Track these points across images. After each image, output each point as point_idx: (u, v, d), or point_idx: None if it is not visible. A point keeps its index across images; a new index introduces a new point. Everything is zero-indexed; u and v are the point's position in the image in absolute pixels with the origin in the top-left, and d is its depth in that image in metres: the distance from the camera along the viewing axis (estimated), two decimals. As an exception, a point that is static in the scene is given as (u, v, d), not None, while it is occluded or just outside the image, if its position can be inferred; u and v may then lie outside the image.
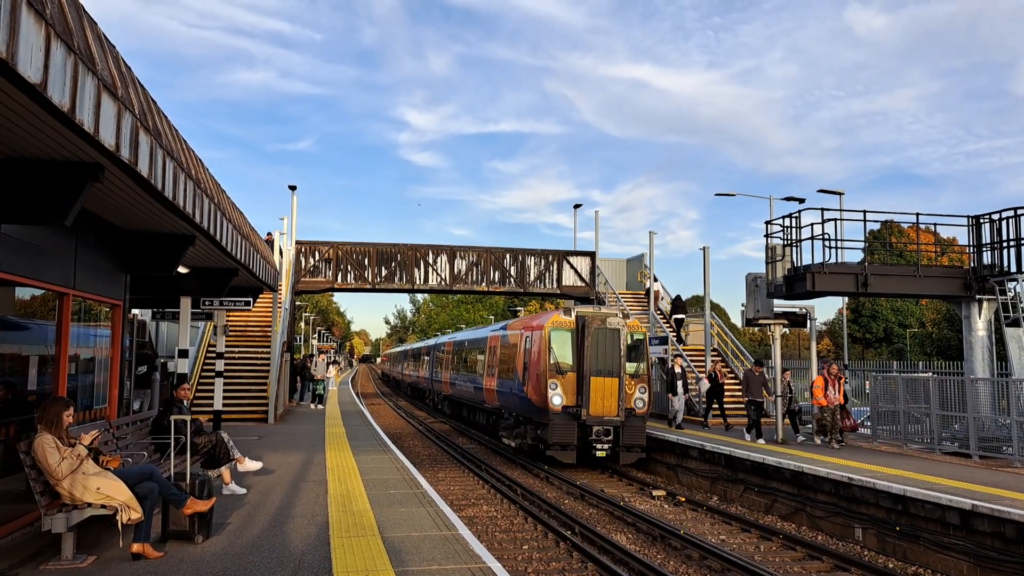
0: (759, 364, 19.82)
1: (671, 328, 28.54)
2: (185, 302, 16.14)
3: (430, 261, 32.08)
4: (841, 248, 18.18)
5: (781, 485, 14.79)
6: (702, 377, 24.12)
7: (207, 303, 17.29)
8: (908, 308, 73.71)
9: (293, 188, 28.71)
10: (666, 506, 15.69)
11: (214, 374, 20.13)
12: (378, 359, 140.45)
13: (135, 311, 19.48)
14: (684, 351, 26.13)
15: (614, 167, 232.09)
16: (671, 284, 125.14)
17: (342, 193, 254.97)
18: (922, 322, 73.21)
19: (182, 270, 13.20)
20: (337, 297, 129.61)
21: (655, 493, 16.85)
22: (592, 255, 33.87)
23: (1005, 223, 16.98)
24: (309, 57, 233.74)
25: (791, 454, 15.80)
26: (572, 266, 33.39)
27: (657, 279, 31.43)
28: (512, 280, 32.74)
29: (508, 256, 32.81)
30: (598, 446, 18.20)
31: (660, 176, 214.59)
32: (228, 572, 6.92)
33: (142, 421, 11.00)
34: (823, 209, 17.45)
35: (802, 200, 25.64)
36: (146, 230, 10.24)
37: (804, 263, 17.65)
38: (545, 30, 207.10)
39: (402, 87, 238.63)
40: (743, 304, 19.66)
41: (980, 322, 17.45)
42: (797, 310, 18.63)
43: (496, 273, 32.61)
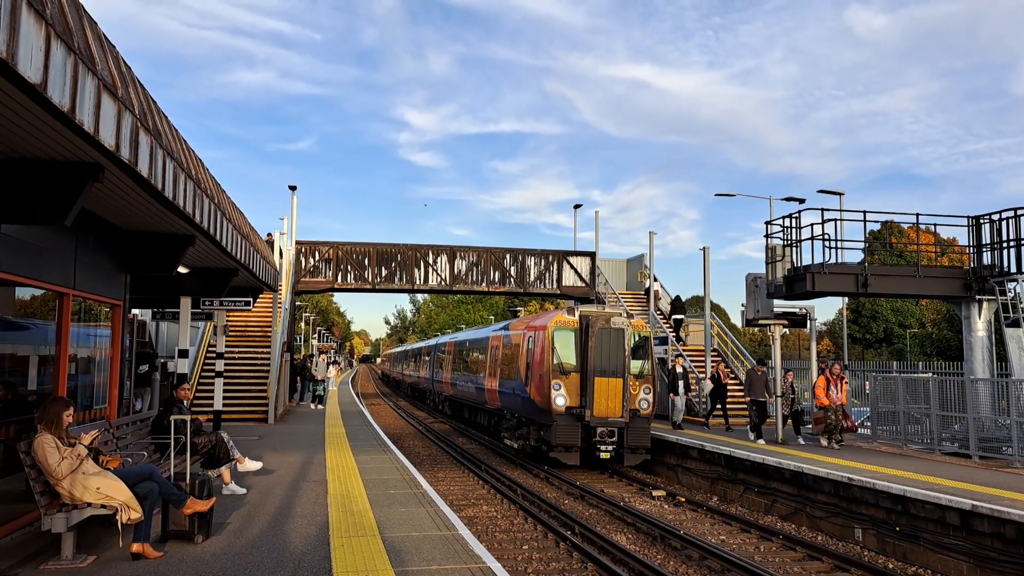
0: (762, 363, 19.68)
1: (670, 328, 28.53)
2: (185, 302, 16.15)
3: (430, 261, 32.09)
4: (841, 248, 18.20)
5: (781, 485, 14.79)
6: (703, 378, 24.13)
7: (207, 303, 17.30)
8: (908, 308, 73.72)
9: (293, 188, 28.77)
10: (666, 506, 15.69)
11: (214, 374, 20.13)
12: (378, 359, 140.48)
13: (135, 311, 19.49)
14: (684, 351, 26.13)
15: (614, 167, 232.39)
16: (671, 284, 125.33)
17: (342, 193, 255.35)
18: (922, 322, 73.21)
19: (182, 270, 13.20)
20: (337, 297, 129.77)
21: (655, 493, 16.85)
22: (592, 255, 33.88)
23: (1005, 223, 16.99)
24: (309, 57, 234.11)
25: (791, 454, 15.80)
26: (572, 266, 33.40)
27: (657, 279, 31.42)
28: (512, 280, 32.74)
29: (508, 256, 32.82)
30: (602, 447, 17.97)
31: (660, 176, 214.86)
32: (228, 572, 6.93)
33: (142, 421, 11.02)
34: (823, 209, 17.48)
35: (802, 200, 25.63)
36: (146, 230, 10.25)
37: (804, 263, 17.66)
38: (545, 30, 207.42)
39: (402, 87, 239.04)
40: (743, 304, 19.66)
41: (980, 322, 17.45)
42: (797, 310, 18.63)
43: (496, 273, 32.61)
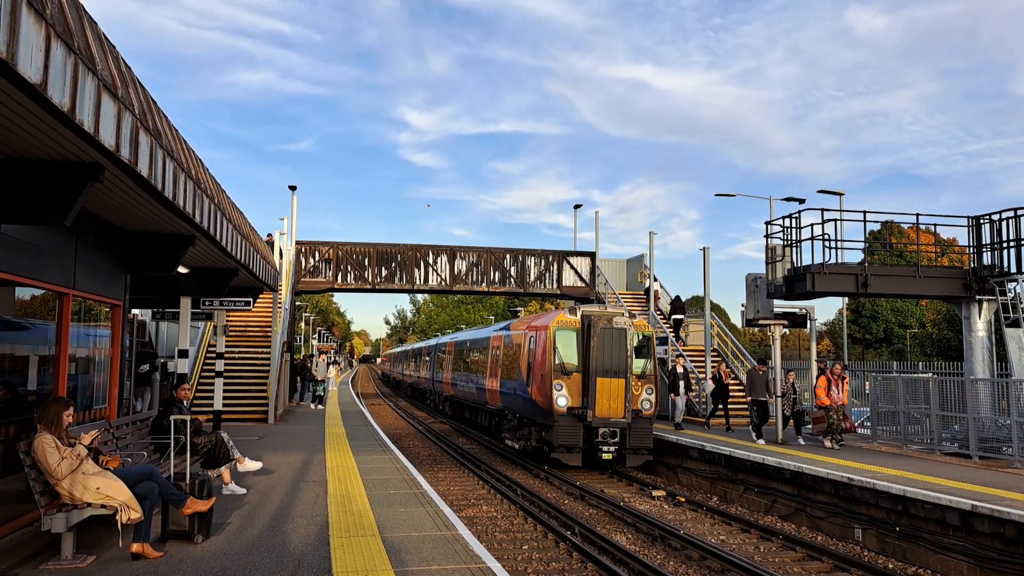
0: (763, 363, 19.52)
1: (670, 328, 28.53)
2: (185, 302, 16.15)
3: (430, 261, 32.09)
4: (841, 248, 18.20)
5: (781, 485, 14.79)
6: (703, 378, 24.11)
7: (207, 303, 17.30)
8: (908, 309, 73.70)
9: (293, 188, 28.79)
10: (666, 506, 15.69)
11: (214, 374, 20.14)
12: (378, 359, 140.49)
13: (135, 311, 19.48)
14: (684, 351, 26.13)
15: (614, 167, 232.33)
16: (671, 284, 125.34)
17: (342, 193, 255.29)
18: (922, 323, 73.20)
19: (182, 270, 13.20)
20: (337, 297, 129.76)
21: (655, 493, 16.84)
22: (592, 255, 33.88)
23: (1005, 224, 16.99)
24: (309, 57, 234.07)
25: (791, 454, 15.80)
26: (572, 266, 33.40)
27: (656, 279, 31.42)
28: (512, 280, 32.74)
29: (508, 256, 32.82)
30: (604, 448, 17.82)
31: (660, 176, 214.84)
32: (228, 572, 6.93)
33: (142, 421, 11.02)
34: (823, 209, 17.48)
35: (802, 200, 25.64)
36: (146, 230, 10.25)
37: (804, 263, 17.66)
38: (545, 30, 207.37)
39: (402, 87, 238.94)
40: (743, 304, 19.65)
41: (980, 323, 17.45)
42: (797, 310, 18.63)
43: (496, 273, 32.61)
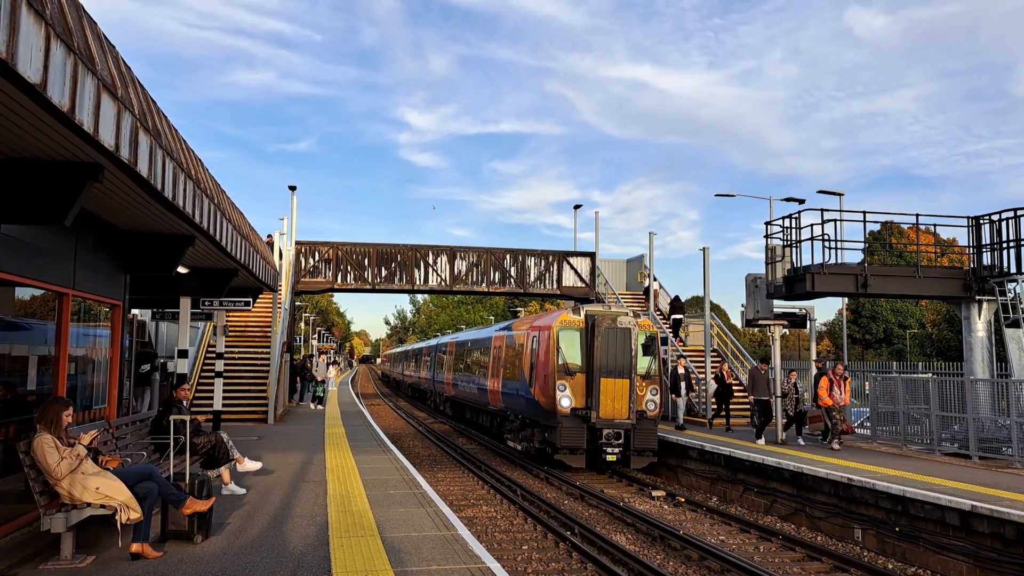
0: (765, 362, 19.30)
1: (669, 328, 28.52)
2: (185, 302, 16.14)
3: (430, 262, 32.09)
4: (841, 249, 18.18)
5: (780, 486, 14.79)
6: (703, 378, 24.09)
7: (207, 303, 17.29)
8: (908, 309, 73.71)
9: (293, 188, 28.79)
10: (666, 507, 15.69)
11: (214, 374, 20.14)
12: (378, 360, 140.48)
13: (135, 311, 19.48)
14: (684, 352, 26.12)
15: (614, 168, 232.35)
16: (671, 285, 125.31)
17: (342, 193, 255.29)
18: (922, 323, 73.21)
19: (182, 270, 13.20)
20: (337, 297, 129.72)
21: (655, 494, 16.84)
22: (592, 256, 33.88)
23: (1005, 224, 17.00)
24: (309, 58, 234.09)
25: (791, 455, 15.80)
26: (572, 267, 33.40)
27: (656, 279, 31.43)
28: (512, 281, 32.74)
29: (508, 257, 32.82)
30: (608, 450, 17.60)
31: (660, 177, 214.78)
32: (227, 572, 6.93)
33: (141, 421, 11.02)
34: (823, 210, 17.49)
35: (802, 201, 25.63)
36: (146, 230, 10.24)
37: (804, 264, 17.66)
38: (545, 31, 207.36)
39: (402, 88, 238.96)
40: (743, 305, 19.65)
41: (980, 323, 17.45)
42: (797, 311, 18.63)
43: (496, 274, 32.61)
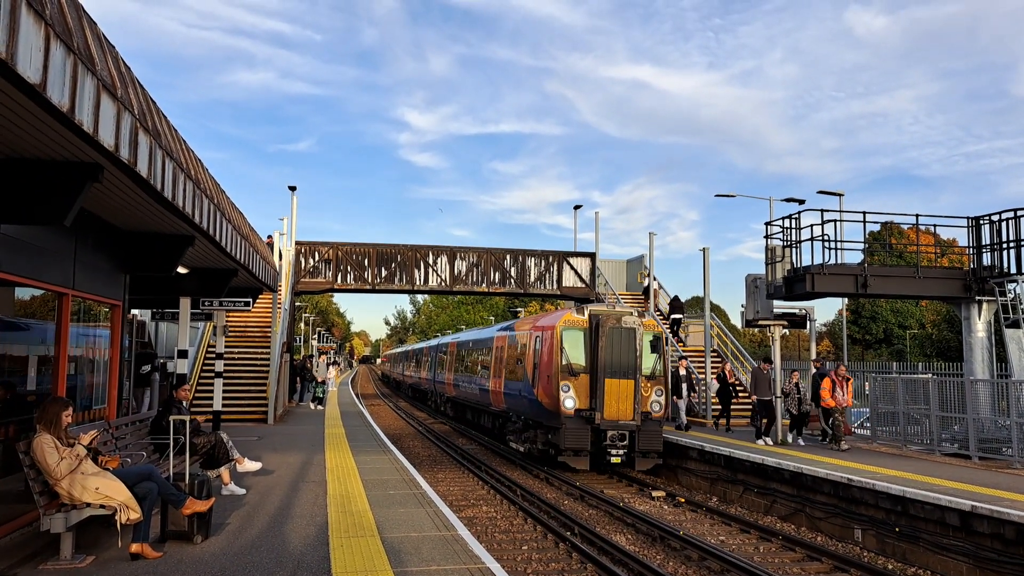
0: (768, 361, 19.11)
1: (668, 328, 28.51)
2: (184, 302, 16.14)
3: (430, 262, 32.08)
4: (841, 249, 18.18)
5: (780, 486, 14.79)
6: (704, 378, 24.08)
7: (206, 303, 17.29)
8: (908, 309, 73.74)
9: (293, 189, 28.79)
10: (665, 507, 15.68)
11: (213, 374, 20.13)
12: (378, 360, 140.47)
13: (134, 311, 19.48)
14: (683, 352, 26.11)
15: (614, 168, 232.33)
16: (671, 285, 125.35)
17: (342, 194, 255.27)
18: (922, 323, 73.24)
19: (181, 270, 13.19)
20: (337, 298, 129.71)
21: (654, 494, 16.84)
22: (592, 256, 33.88)
23: (1005, 224, 17.00)
24: (309, 58, 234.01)
25: (790, 455, 15.80)
26: (572, 267, 33.40)
27: (656, 279, 31.42)
28: (512, 281, 32.73)
29: (508, 257, 32.81)
30: (613, 451, 17.31)
31: (660, 177, 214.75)
32: (227, 572, 6.93)
33: (141, 421, 11.02)
34: (823, 210, 17.51)
35: (802, 201, 25.61)
36: (145, 230, 10.24)
37: (804, 264, 17.67)
38: (545, 31, 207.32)
39: (402, 88, 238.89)
40: (743, 305, 19.65)
41: (980, 323, 17.45)
42: (797, 311, 18.63)
43: (496, 274, 32.60)
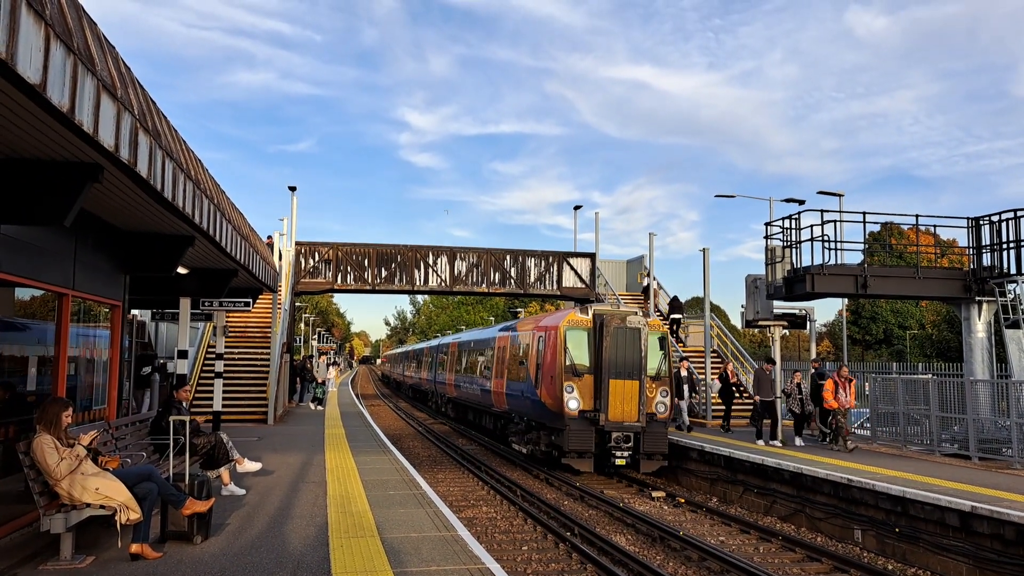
0: (771, 362, 19.00)
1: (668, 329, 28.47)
2: (184, 303, 16.14)
3: (430, 262, 32.07)
4: (841, 250, 18.18)
5: (780, 486, 14.79)
6: (704, 378, 24.06)
7: (206, 304, 17.28)
8: (908, 310, 73.74)
9: (293, 189, 28.80)
10: (665, 507, 15.68)
11: (213, 375, 20.13)
12: (378, 360, 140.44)
13: (134, 312, 19.48)
14: (684, 352, 26.09)
15: (614, 168, 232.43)
16: (671, 285, 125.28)
17: (342, 194, 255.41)
18: (922, 324, 73.23)
19: (181, 271, 13.19)
20: (337, 298, 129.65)
21: (654, 494, 16.83)
22: (592, 256, 33.88)
23: (1005, 225, 17.02)
24: (309, 58, 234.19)
25: (790, 455, 15.79)
26: (572, 267, 33.39)
27: (655, 279, 31.40)
28: (512, 281, 32.73)
29: (508, 257, 32.81)
30: (617, 453, 17.11)
31: (660, 177, 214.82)
32: (227, 572, 6.92)
33: (141, 422, 11.01)
34: (823, 211, 17.52)
35: (802, 202, 25.60)
36: (145, 231, 10.24)
37: (804, 264, 17.68)
38: (545, 31, 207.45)
39: (402, 88, 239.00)
40: (743, 305, 19.66)
41: (980, 324, 17.45)
42: (797, 311, 18.65)
43: (496, 274, 32.60)
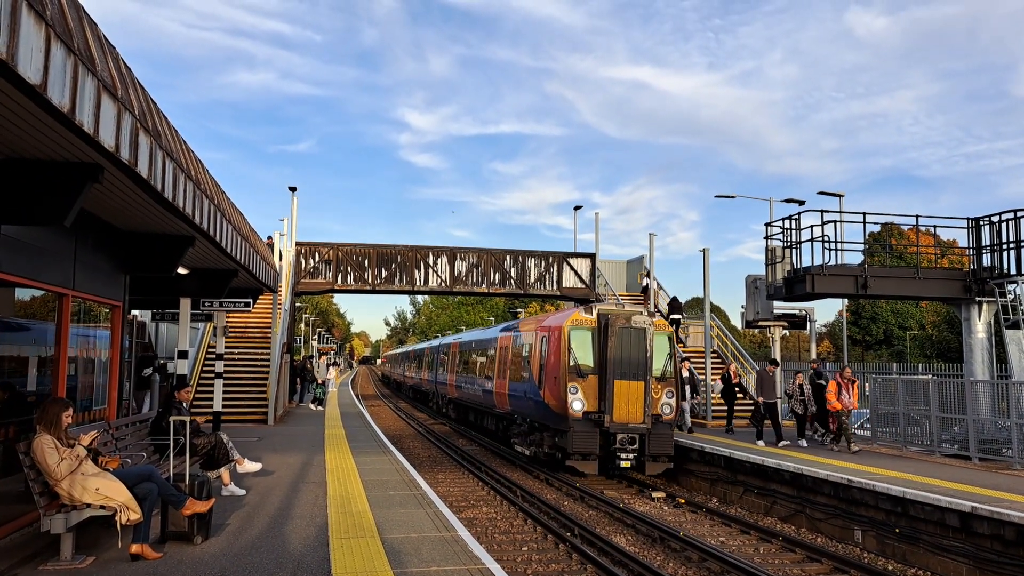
0: (774, 363, 18.96)
1: (668, 329, 28.44)
2: (185, 303, 16.14)
3: (430, 262, 32.07)
4: (841, 250, 18.20)
5: (780, 487, 14.79)
6: (705, 379, 24.05)
7: (207, 304, 17.30)
8: (908, 310, 73.72)
9: (293, 189, 28.80)
10: (665, 508, 15.68)
11: (213, 375, 20.13)
12: (378, 361, 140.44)
13: (135, 312, 19.48)
14: (684, 353, 26.07)
15: (614, 168, 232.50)
16: (671, 286, 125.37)
17: (342, 194, 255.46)
18: (922, 324, 73.21)
19: (182, 271, 13.19)
20: (337, 298, 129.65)
21: (654, 495, 16.82)
22: (592, 257, 33.87)
23: (1005, 225, 17.02)
24: (309, 58, 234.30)
25: (790, 456, 15.79)
26: (572, 268, 33.39)
27: (655, 279, 31.39)
28: (512, 282, 32.72)
29: (508, 258, 32.80)
30: (622, 455, 16.87)
31: (660, 178, 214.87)
32: (227, 573, 6.92)
33: (141, 422, 11.01)
34: (823, 211, 17.55)
35: (802, 202, 25.60)
36: (146, 231, 10.25)
37: (804, 265, 17.68)
38: (545, 31, 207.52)
39: (402, 88, 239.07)
40: (743, 306, 19.68)
41: (980, 324, 17.45)
42: (797, 312, 18.67)
43: (496, 275, 32.59)
